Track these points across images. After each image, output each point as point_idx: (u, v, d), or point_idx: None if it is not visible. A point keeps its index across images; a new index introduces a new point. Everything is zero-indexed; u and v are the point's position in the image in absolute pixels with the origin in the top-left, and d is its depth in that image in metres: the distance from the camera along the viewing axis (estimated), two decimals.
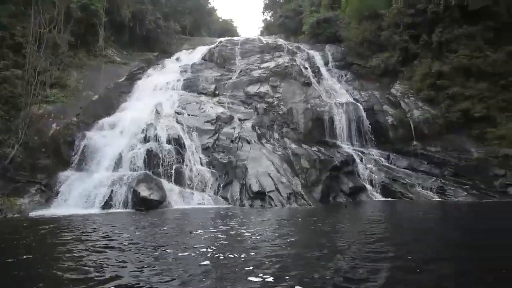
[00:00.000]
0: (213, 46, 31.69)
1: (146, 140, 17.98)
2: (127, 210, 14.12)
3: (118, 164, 16.72)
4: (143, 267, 5.60)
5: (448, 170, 19.26)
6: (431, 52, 24.40)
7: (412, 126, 21.77)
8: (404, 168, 20.04)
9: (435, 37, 24.20)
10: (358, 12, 29.43)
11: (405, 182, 18.61)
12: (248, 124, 21.30)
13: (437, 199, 17.14)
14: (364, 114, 22.67)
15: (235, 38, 36.50)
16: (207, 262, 5.81)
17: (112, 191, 14.62)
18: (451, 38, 23.64)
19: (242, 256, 6.18)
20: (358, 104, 23.44)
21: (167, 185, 16.16)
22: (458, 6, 23.88)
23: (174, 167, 17.10)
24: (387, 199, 17.87)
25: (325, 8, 35.84)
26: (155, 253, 6.54)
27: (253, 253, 6.45)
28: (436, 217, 12.67)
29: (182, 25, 40.72)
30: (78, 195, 14.60)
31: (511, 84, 20.64)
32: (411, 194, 17.78)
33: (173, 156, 17.47)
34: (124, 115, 20.27)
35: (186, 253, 6.47)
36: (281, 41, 33.04)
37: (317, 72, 27.29)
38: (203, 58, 29.92)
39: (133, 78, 26.03)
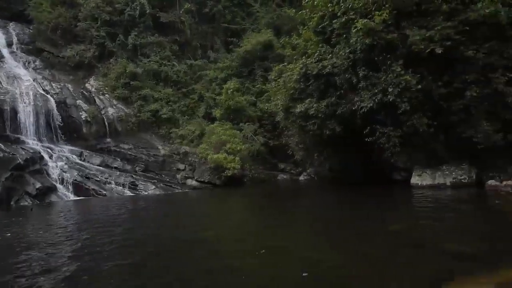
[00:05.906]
0: None
1: None
2: None
3: None
4: None
5: (139, 166, 20.73)
6: (127, 53, 25.51)
7: (106, 123, 22.02)
8: (97, 165, 19.94)
9: (131, 39, 25.45)
10: None
11: (98, 179, 18.56)
12: None
13: (129, 194, 18.06)
14: (55, 107, 20.87)
15: None
16: None
17: None
18: (145, 43, 25.69)
19: None
20: (49, 96, 21.35)
21: None
22: (152, 15, 26.16)
23: None
24: (80, 197, 17.24)
25: None
26: None
27: None
28: (119, 212, 13.24)
29: None
30: None
31: (190, 93, 24.73)
32: (104, 191, 17.92)
33: None
34: None
35: None
36: None
37: None
38: None
39: None
